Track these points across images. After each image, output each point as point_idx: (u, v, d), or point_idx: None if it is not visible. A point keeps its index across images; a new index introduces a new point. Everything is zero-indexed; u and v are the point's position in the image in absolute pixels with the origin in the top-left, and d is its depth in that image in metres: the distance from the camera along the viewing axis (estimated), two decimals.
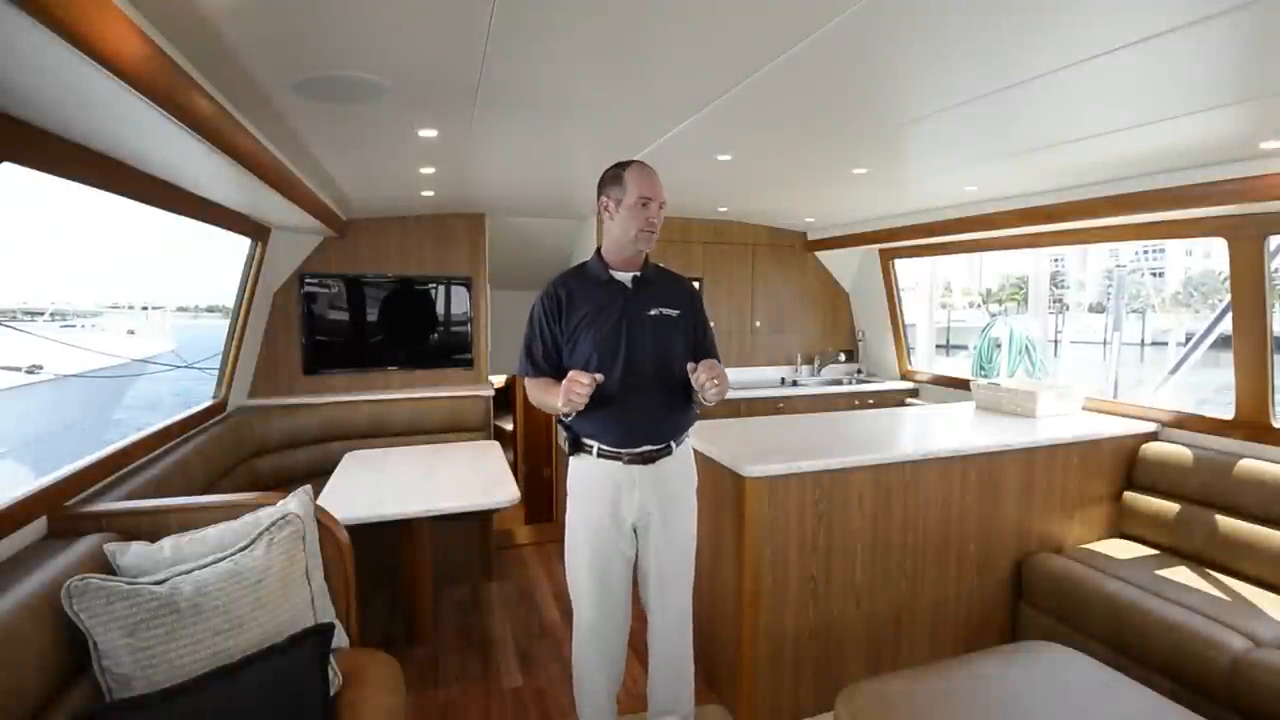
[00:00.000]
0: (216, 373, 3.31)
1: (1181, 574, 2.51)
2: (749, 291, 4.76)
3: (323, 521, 1.93)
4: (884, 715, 1.55)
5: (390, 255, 3.98)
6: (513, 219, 4.32)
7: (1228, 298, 2.75)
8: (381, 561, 3.18)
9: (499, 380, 7.56)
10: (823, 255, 4.96)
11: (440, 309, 4.17)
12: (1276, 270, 2.76)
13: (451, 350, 4.18)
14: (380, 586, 3.26)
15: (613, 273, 1.93)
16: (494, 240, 4.30)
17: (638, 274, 1.94)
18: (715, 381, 1.74)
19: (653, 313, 1.90)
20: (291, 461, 3.44)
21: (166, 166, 2.03)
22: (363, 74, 1.66)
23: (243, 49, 1.46)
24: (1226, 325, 2.79)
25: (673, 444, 1.92)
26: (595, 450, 1.87)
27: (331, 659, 1.64)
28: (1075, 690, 1.64)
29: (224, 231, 2.87)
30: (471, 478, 2.84)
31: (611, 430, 1.85)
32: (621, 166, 1.89)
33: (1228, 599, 2.32)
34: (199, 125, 1.59)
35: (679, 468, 1.95)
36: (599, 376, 1.72)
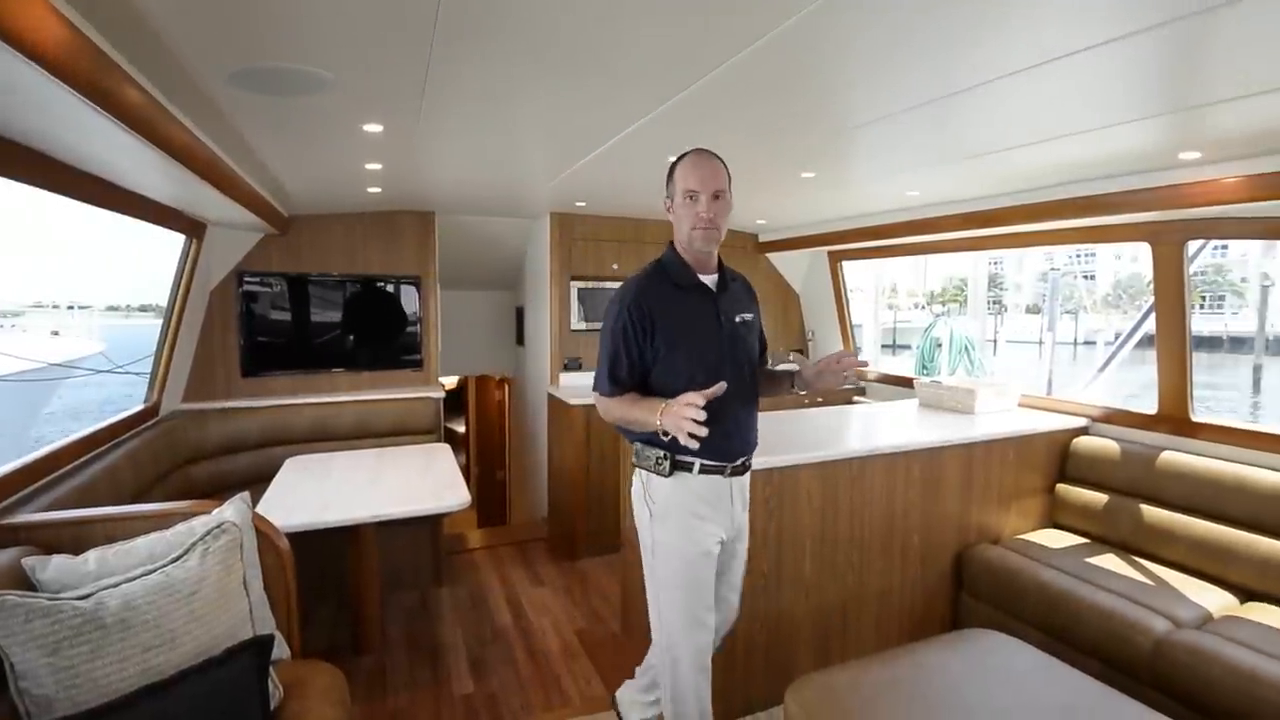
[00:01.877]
0: (149, 376, 3.16)
1: (1110, 561, 2.65)
2: None
3: (261, 529, 1.86)
4: (831, 706, 1.59)
5: (335, 253, 3.86)
6: (464, 217, 4.25)
7: (1152, 299, 2.91)
8: (326, 569, 3.09)
9: (450, 381, 7.44)
10: (774, 257, 5.04)
11: (388, 309, 4.08)
12: (1195, 274, 2.93)
13: (400, 351, 4.09)
14: (325, 595, 3.17)
15: (701, 278, 1.79)
16: (444, 239, 4.23)
17: (718, 277, 1.82)
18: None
19: (739, 319, 1.82)
20: (229, 468, 3.31)
21: (93, 159, 1.93)
22: (304, 66, 1.61)
23: (173, 36, 1.40)
24: (1150, 325, 2.95)
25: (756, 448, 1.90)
26: (697, 467, 1.73)
27: (272, 671, 1.59)
28: (1012, 675, 1.71)
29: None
30: (420, 482, 2.78)
31: (718, 446, 1.70)
32: (677, 159, 1.76)
33: (1152, 584, 2.46)
34: (127, 116, 1.51)
35: (750, 469, 1.91)
36: (719, 387, 1.56)
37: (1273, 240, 2.50)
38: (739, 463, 1.80)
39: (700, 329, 1.75)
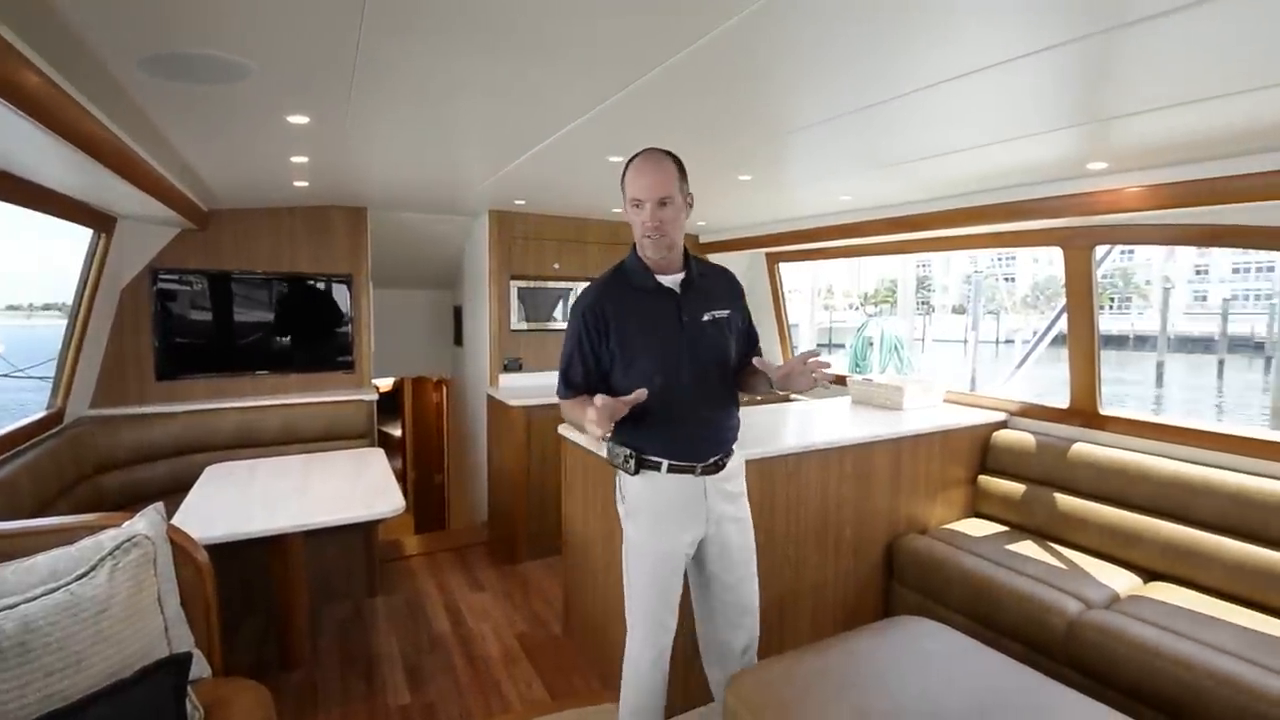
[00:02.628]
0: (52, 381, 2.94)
1: (1027, 548, 2.80)
2: None
3: (178, 542, 1.75)
4: (768, 698, 1.62)
5: (260, 250, 3.69)
6: (398, 214, 4.14)
7: (1064, 300, 3.10)
8: (252, 582, 2.95)
9: (385, 383, 7.22)
10: (714, 258, 5.11)
11: (318, 308, 3.92)
12: (1104, 277, 3.11)
13: (330, 352, 3.95)
14: (251, 609, 3.02)
15: (659, 278, 1.76)
16: (378, 236, 4.11)
17: (682, 276, 1.79)
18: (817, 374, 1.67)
19: (707, 318, 1.78)
20: (144, 477, 3.12)
21: None
22: (220, 53, 1.53)
23: (75, 17, 1.30)
24: (1063, 325, 3.14)
25: (734, 446, 1.87)
26: (665, 466, 1.74)
27: (190, 691, 1.50)
28: (937, 659, 1.78)
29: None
30: (352, 488, 2.69)
31: (683, 446, 1.74)
32: (628, 161, 1.72)
33: (1065, 568, 2.61)
34: (24, 101, 1.40)
35: (736, 464, 1.88)
36: (640, 394, 1.58)
37: (1172, 246, 2.70)
38: (710, 461, 1.78)
39: (659, 331, 1.73)
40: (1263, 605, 2.24)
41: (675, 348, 1.73)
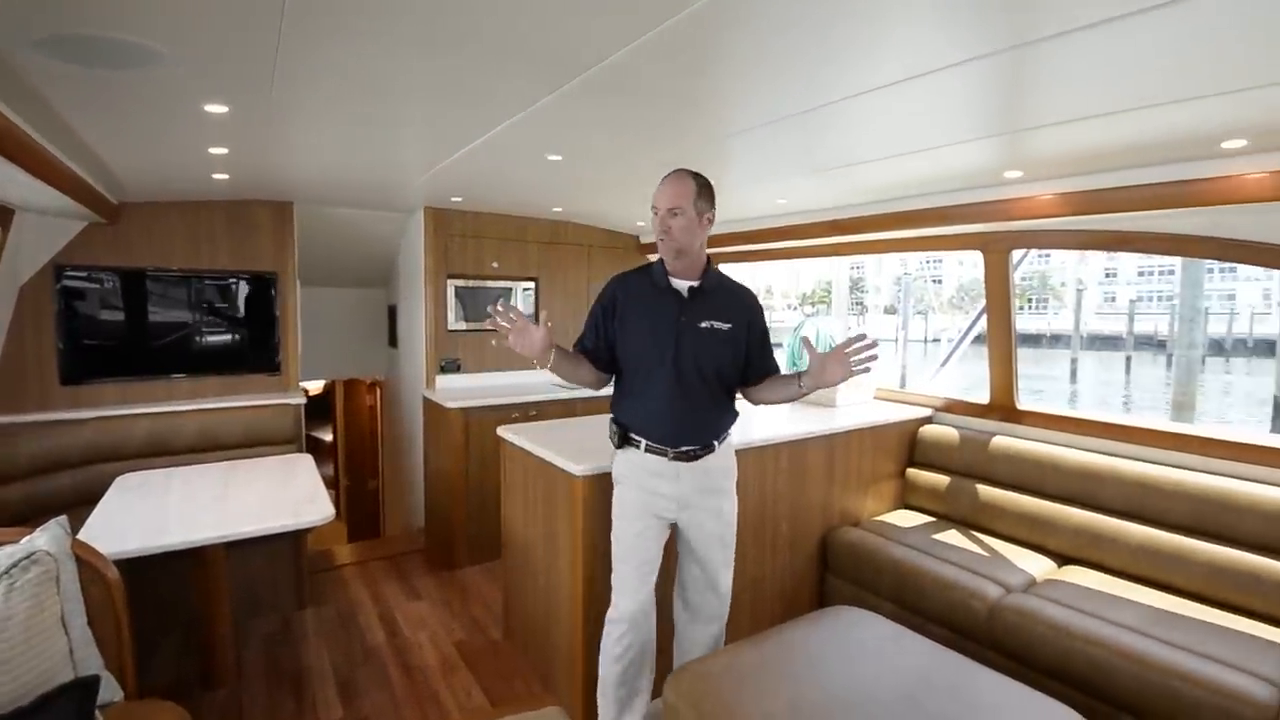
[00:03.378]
0: None
1: (952, 537, 2.93)
2: (585, 292, 4.79)
3: (84, 558, 1.64)
4: (707, 691, 1.64)
5: (177, 246, 3.49)
6: (328, 209, 3.99)
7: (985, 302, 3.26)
8: (171, 598, 2.79)
9: (315, 386, 6.95)
10: (654, 258, 5.13)
11: (239, 308, 3.74)
12: (1025, 278, 3.29)
13: (254, 354, 3.76)
14: (170, 626, 2.85)
15: (672, 280, 1.99)
16: (306, 232, 3.95)
17: (695, 284, 1.99)
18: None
19: (703, 325, 1.96)
20: (47, 489, 2.91)
21: None
22: (127, 36, 1.44)
23: None
24: (984, 325, 3.30)
25: (715, 443, 2.01)
26: (644, 445, 1.96)
27: (99, 716, 1.41)
28: (867, 646, 1.85)
29: None
30: (277, 496, 2.58)
31: (657, 429, 1.95)
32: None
33: (987, 555, 2.75)
34: None
35: (720, 463, 2.05)
36: (546, 313, 1.91)
37: (1084, 250, 2.87)
38: (684, 450, 1.95)
39: (655, 323, 1.96)
40: (1164, 585, 2.42)
41: (666, 341, 1.94)
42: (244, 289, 3.74)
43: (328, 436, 7.13)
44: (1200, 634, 2.07)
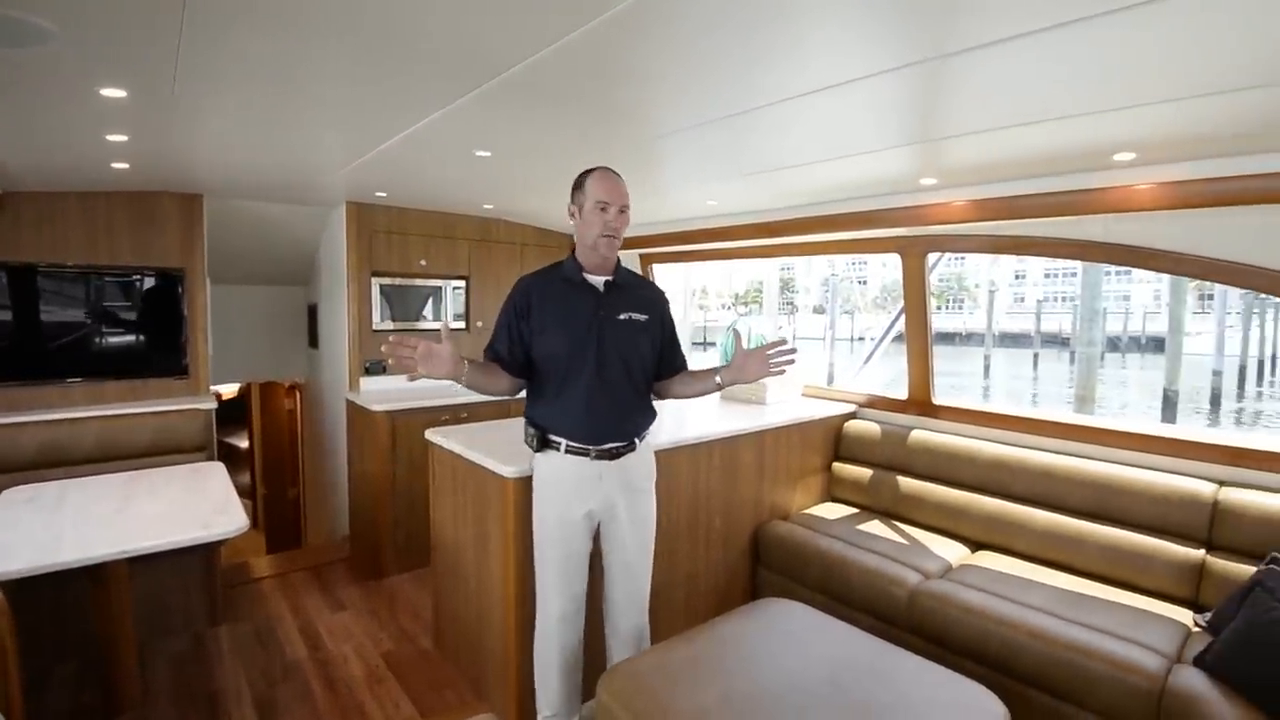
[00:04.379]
0: None
1: (875, 527, 3.05)
2: None
3: None
4: (639, 690, 1.65)
5: (72, 240, 3.23)
6: (241, 203, 3.78)
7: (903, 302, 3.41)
8: (67, 619, 2.59)
9: (228, 390, 6.57)
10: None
11: (143, 307, 3.50)
12: (943, 280, 3.45)
13: (159, 356, 3.53)
14: (68, 650, 2.64)
15: (586, 275, 1.98)
16: (217, 226, 3.73)
17: (610, 279, 2.00)
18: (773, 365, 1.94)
19: (622, 317, 1.97)
20: None
21: None
22: (13, 12, 1.32)
23: None
24: (903, 324, 3.45)
25: (636, 440, 2.02)
26: (563, 447, 1.93)
27: None
28: (796, 636, 1.90)
29: None
30: (185, 507, 2.43)
31: (580, 428, 1.93)
32: (587, 173, 1.94)
33: (907, 543, 2.87)
34: None
35: (641, 462, 2.05)
36: (447, 326, 1.82)
37: (994, 254, 3.04)
38: (606, 448, 1.94)
39: (573, 318, 1.94)
40: (1067, 566, 2.59)
41: (586, 336, 1.92)
42: (148, 286, 3.50)
43: (243, 443, 6.76)
44: (1098, 611, 2.22)
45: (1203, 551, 2.32)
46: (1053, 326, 32.63)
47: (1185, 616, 2.22)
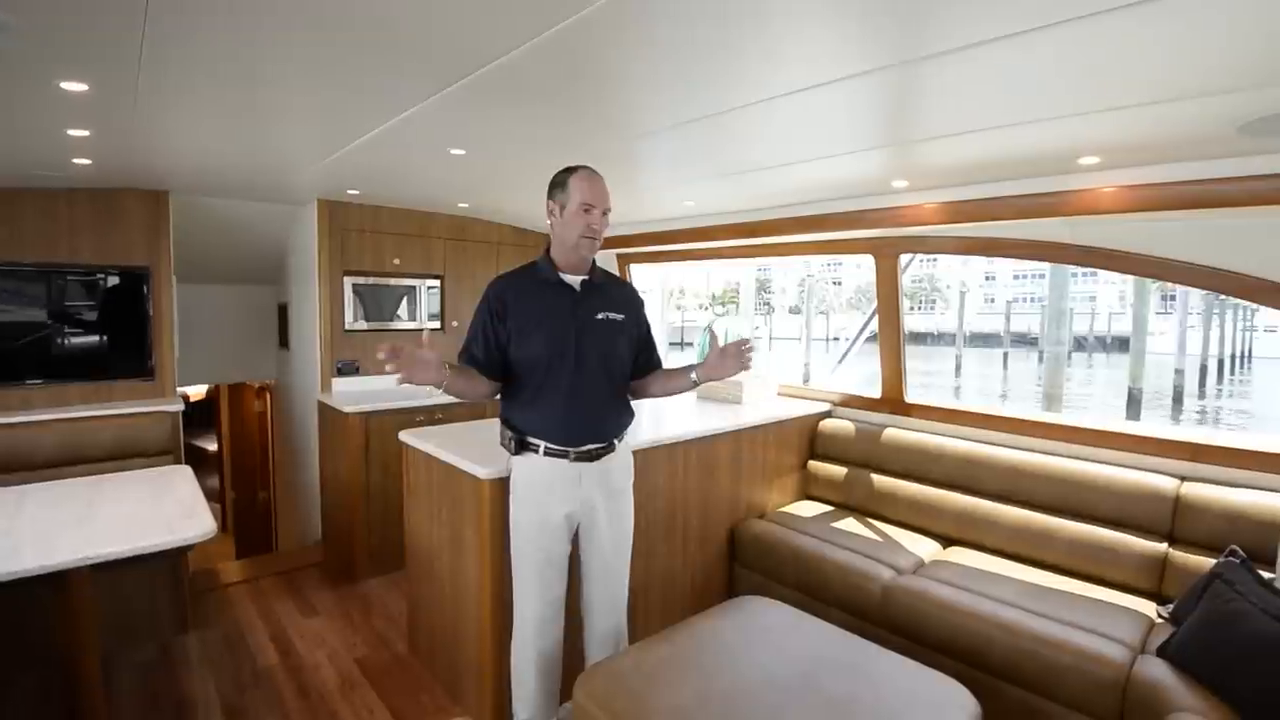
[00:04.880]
0: None
1: (849, 524, 3.08)
2: None
3: None
4: (616, 690, 1.64)
5: (30, 237, 3.14)
6: (209, 200, 3.70)
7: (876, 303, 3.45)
8: (28, 629, 2.51)
9: (196, 391, 6.44)
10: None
11: (106, 306, 3.41)
12: (916, 280, 3.50)
13: (123, 358, 3.44)
14: (27, 662, 2.56)
15: (562, 275, 1.96)
16: (184, 224, 3.64)
17: (586, 278, 1.99)
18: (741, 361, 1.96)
19: (600, 317, 1.97)
20: None
21: None
22: None
23: None
24: (875, 325, 3.49)
25: (615, 441, 2.01)
26: (542, 449, 1.91)
27: None
28: (772, 633, 1.91)
29: None
30: (151, 511, 2.36)
31: (558, 429, 1.91)
32: (568, 172, 1.92)
33: (880, 540, 2.91)
34: None
35: (620, 463, 2.05)
36: (427, 331, 1.80)
37: (964, 255, 3.10)
38: (586, 449, 1.93)
39: (552, 318, 1.92)
40: (1035, 560, 2.65)
41: (565, 336, 1.91)
42: (112, 286, 3.41)
43: (212, 446, 6.62)
44: (1066, 604, 2.27)
45: (1165, 545, 2.39)
46: (1022, 327, 33.30)
47: (1149, 608, 2.28)
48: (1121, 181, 2.27)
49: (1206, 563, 2.20)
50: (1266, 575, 1.96)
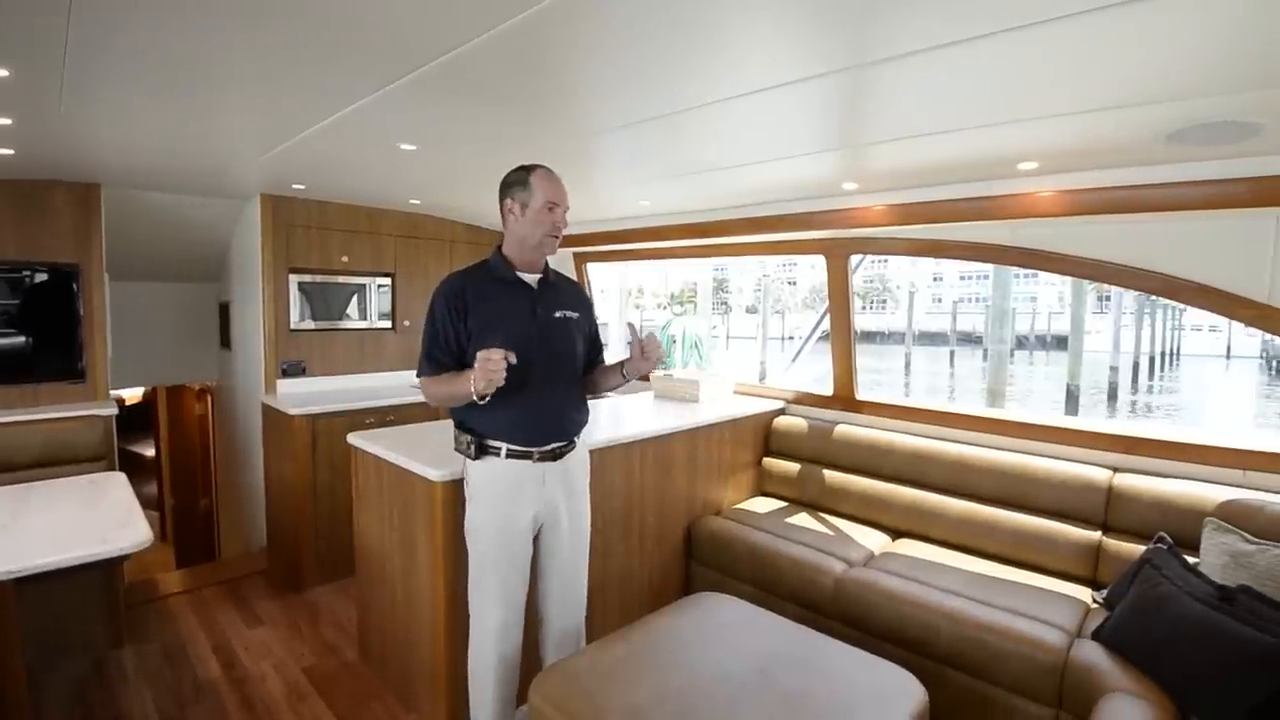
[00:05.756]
0: None
1: (803, 519, 3.14)
2: None
3: None
4: (572, 692, 1.63)
5: None
6: (145, 194, 3.53)
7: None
8: None
9: (132, 394, 6.14)
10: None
11: (31, 305, 3.22)
12: (868, 281, 3.58)
13: (50, 359, 3.25)
14: None
15: (519, 274, 1.94)
16: (117, 219, 3.48)
17: (542, 277, 1.98)
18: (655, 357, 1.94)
19: (558, 315, 1.97)
20: None
21: None
22: None
23: None
24: (827, 324, 3.56)
25: (576, 439, 2.01)
26: (504, 452, 1.88)
27: None
28: (727, 629, 1.93)
29: None
30: (82, 521, 2.24)
31: (521, 430, 1.88)
32: (526, 170, 1.90)
33: (832, 534, 2.97)
34: None
35: (580, 461, 2.05)
36: (512, 356, 1.72)
37: (912, 256, 3.18)
38: (549, 449, 1.92)
39: (512, 317, 1.90)
40: (979, 551, 2.73)
41: (525, 335, 1.88)
42: (37, 283, 3.22)
43: (149, 451, 6.33)
44: (1008, 592, 2.36)
45: (1099, 533, 2.50)
46: (968, 326, 34.46)
47: (1085, 594, 2.39)
48: (1058, 186, 2.36)
49: (1137, 549, 2.31)
50: (1192, 560, 2.07)
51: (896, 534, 3.01)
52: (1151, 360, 26.71)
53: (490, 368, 1.68)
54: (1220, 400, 20.32)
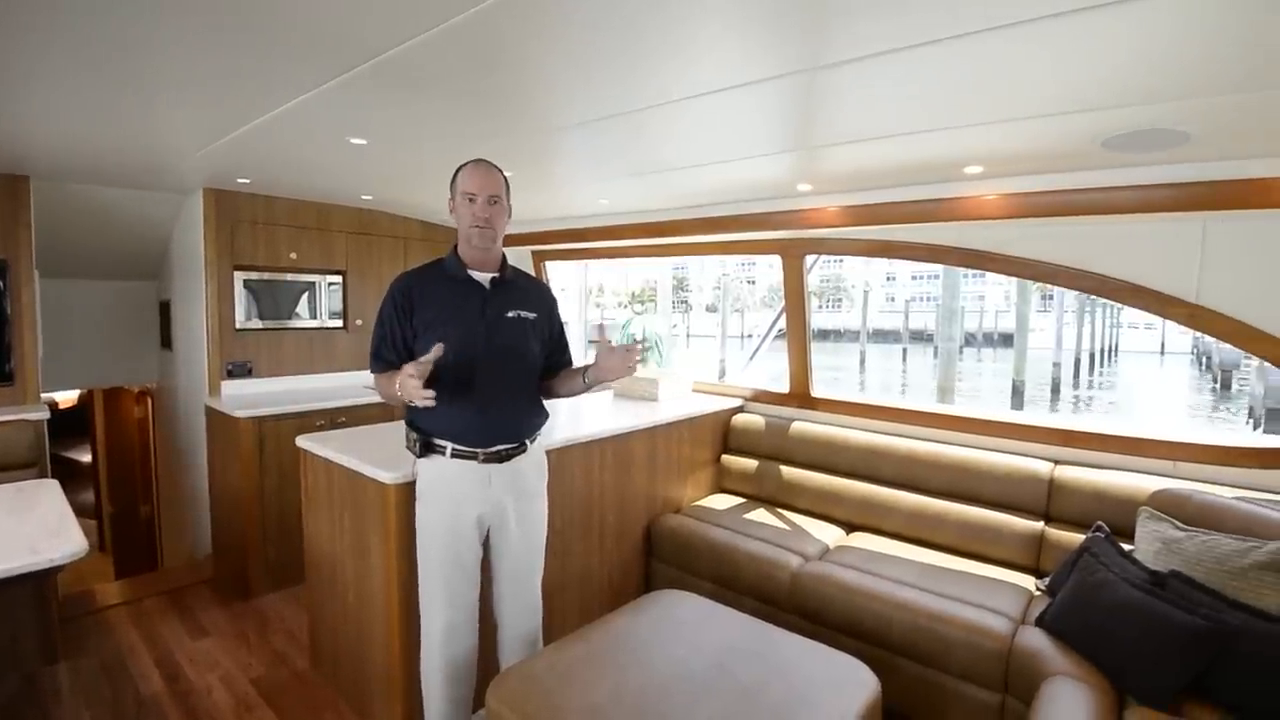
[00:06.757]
0: None
1: (761, 515, 3.18)
2: None
3: None
4: (530, 693, 1.62)
5: None
6: (78, 187, 3.36)
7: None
8: None
9: (66, 398, 5.85)
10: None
11: None
12: (825, 280, 3.64)
13: None
14: None
15: (470, 272, 1.92)
16: (48, 213, 3.30)
17: (496, 275, 1.94)
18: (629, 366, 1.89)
19: (510, 315, 1.93)
20: None
21: None
22: None
23: None
24: (784, 322, 3.61)
25: (527, 442, 1.97)
26: (449, 451, 1.86)
27: None
28: (686, 626, 1.94)
29: None
30: (9, 531, 2.13)
31: (467, 431, 1.86)
32: (461, 166, 1.89)
33: (789, 529, 3.01)
34: None
35: (532, 465, 2.01)
36: (436, 350, 1.69)
37: (865, 256, 3.25)
38: (495, 450, 1.89)
39: (460, 316, 1.87)
40: (929, 543, 2.81)
41: (474, 334, 1.86)
42: None
43: (85, 457, 6.05)
44: (956, 582, 2.43)
45: (1042, 524, 2.60)
46: (919, 324, 35.42)
47: (1029, 582, 2.48)
48: (1001, 190, 2.44)
49: (1077, 538, 2.41)
50: (1127, 547, 2.17)
51: (851, 528, 3.07)
52: (1092, 357, 27.89)
53: (410, 385, 1.65)
54: (1154, 394, 21.36)
